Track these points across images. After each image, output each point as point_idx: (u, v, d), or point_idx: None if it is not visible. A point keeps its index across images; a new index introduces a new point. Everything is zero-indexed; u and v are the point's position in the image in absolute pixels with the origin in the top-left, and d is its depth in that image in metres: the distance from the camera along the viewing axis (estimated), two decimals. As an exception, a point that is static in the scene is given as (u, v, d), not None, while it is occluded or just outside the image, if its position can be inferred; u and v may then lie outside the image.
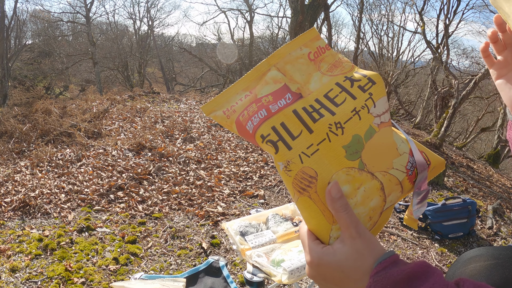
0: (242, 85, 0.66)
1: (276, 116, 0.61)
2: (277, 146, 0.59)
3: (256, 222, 1.82)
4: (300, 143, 0.59)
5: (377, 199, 0.62)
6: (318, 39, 0.69)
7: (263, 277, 1.48)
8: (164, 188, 3.68)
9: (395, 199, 0.66)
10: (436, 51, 7.62)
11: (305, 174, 0.59)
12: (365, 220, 0.62)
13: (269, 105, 0.62)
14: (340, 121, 0.61)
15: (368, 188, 0.61)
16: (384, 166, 0.63)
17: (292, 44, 0.68)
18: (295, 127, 0.60)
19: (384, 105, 0.64)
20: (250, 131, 0.61)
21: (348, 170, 0.60)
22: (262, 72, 0.67)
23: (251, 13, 17.29)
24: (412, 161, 0.66)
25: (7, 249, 2.52)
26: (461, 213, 2.96)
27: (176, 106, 8.27)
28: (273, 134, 0.60)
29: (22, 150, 4.95)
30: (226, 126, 0.65)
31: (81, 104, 7.48)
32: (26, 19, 16.99)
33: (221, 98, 0.65)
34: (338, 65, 0.68)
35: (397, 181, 0.64)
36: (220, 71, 16.56)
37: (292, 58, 0.67)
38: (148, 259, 2.56)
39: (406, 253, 2.74)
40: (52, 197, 3.36)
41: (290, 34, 6.99)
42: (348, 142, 0.60)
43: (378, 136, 0.63)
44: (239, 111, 0.63)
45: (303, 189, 0.59)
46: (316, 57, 0.68)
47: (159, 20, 28.41)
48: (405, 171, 0.65)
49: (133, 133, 5.43)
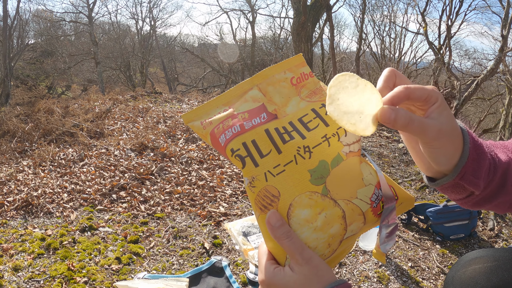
0: (223, 100, 0.68)
1: (248, 133, 0.63)
2: (244, 162, 0.61)
3: (259, 223, 1.82)
4: (267, 161, 0.61)
5: (338, 227, 0.63)
6: (303, 66, 0.71)
7: (266, 277, 1.48)
8: (166, 188, 3.68)
9: (357, 229, 0.66)
10: (438, 52, 7.62)
11: (268, 193, 0.60)
12: (324, 247, 0.63)
13: (243, 122, 0.64)
14: (309, 145, 0.62)
15: (329, 214, 0.61)
16: (348, 195, 0.63)
17: (277, 67, 0.70)
18: (265, 145, 0.61)
19: (356, 135, 0.65)
20: (222, 143, 0.63)
21: (311, 194, 0.61)
22: (244, 90, 0.68)
23: (253, 14, 17.31)
24: (378, 194, 0.66)
25: (9, 248, 2.53)
26: (463, 215, 2.96)
27: (178, 106, 8.28)
28: (243, 150, 0.61)
29: (24, 150, 4.97)
30: (202, 136, 0.67)
31: (83, 104, 7.50)
32: (29, 19, 17.04)
33: (201, 110, 0.68)
34: (317, 92, 0.69)
35: (360, 212, 0.64)
36: (222, 72, 16.57)
37: (275, 80, 0.69)
38: (150, 259, 2.57)
39: (408, 254, 2.74)
40: (55, 197, 3.37)
41: (292, 35, 7.00)
42: (314, 167, 0.61)
43: (345, 165, 0.63)
44: (215, 124, 0.65)
45: (265, 206, 0.60)
46: (298, 82, 0.70)
47: (162, 20, 28.48)
48: (369, 203, 0.65)
49: (136, 133, 5.44)
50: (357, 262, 2.60)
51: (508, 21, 4.48)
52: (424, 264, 2.64)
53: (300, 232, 0.61)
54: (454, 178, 0.64)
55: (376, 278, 2.42)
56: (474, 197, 0.70)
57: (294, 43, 6.93)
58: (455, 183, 0.66)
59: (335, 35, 12.25)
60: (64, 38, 19.03)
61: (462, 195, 0.70)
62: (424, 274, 2.54)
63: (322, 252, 0.63)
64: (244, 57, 16.32)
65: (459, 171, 0.63)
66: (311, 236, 0.61)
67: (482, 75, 4.60)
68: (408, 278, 2.46)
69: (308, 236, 0.61)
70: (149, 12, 20.02)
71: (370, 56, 14.04)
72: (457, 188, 0.67)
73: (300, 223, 0.60)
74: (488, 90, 11.76)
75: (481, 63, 11.52)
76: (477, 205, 0.73)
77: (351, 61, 14.30)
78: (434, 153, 0.61)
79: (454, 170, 0.63)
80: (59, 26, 19.13)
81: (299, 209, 0.60)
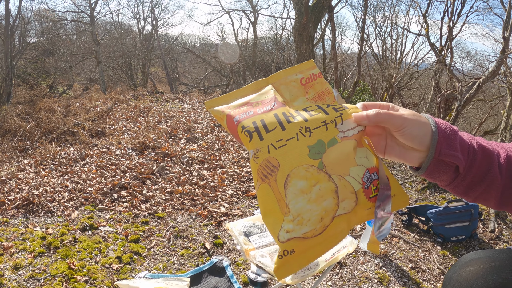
0: (241, 93, 0.78)
1: (259, 115, 0.71)
2: (251, 136, 0.68)
3: (260, 223, 1.82)
4: (271, 136, 0.68)
5: (330, 201, 0.68)
6: (313, 68, 0.81)
7: (267, 277, 1.48)
8: (167, 188, 3.69)
9: (349, 207, 0.71)
10: (440, 54, 7.61)
11: (269, 163, 0.67)
12: (316, 220, 0.67)
13: (256, 108, 0.73)
14: (310, 127, 0.70)
15: (323, 187, 0.68)
16: (341, 171, 0.70)
17: (290, 70, 0.80)
18: (271, 124, 0.69)
19: (351, 124, 0.74)
20: (235, 122, 0.71)
21: (308, 167, 0.67)
22: (259, 86, 0.79)
23: (255, 14, 17.30)
24: (369, 176, 0.73)
25: (10, 246, 2.54)
26: (464, 216, 2.96)
27: (180, 106, 8.28)
28: (251, 126, 0.69)
29: (25, 148, 4.97)
30: (219, 119, 0.75)
31: (84, 103, 7.50)
32: (31, 18, 17.01)
33: (221, 99, 0.77)
34: (322, 96, 0.79)
35: (352, 190, 0.71)
36: (223, 72, 16.57)
37: (287, 81, 0.79)
38: (151, 258, 2.57)
39: (408, 255, 2.74)
40: (56, 196, 3.37)
41: (294, 36, 7.00)
42: (313, 144, 0.69)
43: (339, 146, 0.71)
44: (232, 109, 0.74)
45: (265, 176, 0.67)
46: (307, 82, 0.80)
47: (163, 20, 28.46)
48: (360, 182, 0.72)
49: (137, 133, 5.44)
50: (358, 263, 2.59)
51: (509, 23, 4.48)
52: (424, 265, 2.64)
53: (295, 202, 0.66)
54: (434, 155, 0.73)
55: (377, 279, 2.42)
56: (462, 178, 0.75)
57: (295, 43, 6.93)
58: (437, 161, 0.74)
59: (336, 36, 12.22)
60: (65, 37, 19.03)
61: (450, 176, 0.76)
62: (425, 275, 2.53)
63: (314, 226, 0.67)
64: (246, 57, 16.29)
65: (435, 146, 0.72)
66: (305, 207, 0.66)
67: (483, 77, 4.59)
68: (408, 279, 2.46)
69: (303, 206, 0.66)
70: (151, 11, 20.00)
71: (371, 57, 14.03)
72: (441, 167, 0.74)
73: (295, 193, 0.66)
74: (489, 92, 11.73)
75: (482, 64, 11.49)
76: (470, 189, 0.77)
77: (353, 62, 14.29)
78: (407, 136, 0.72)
79: (431, 148, 0.73)
80: (61, 25, 19.12)
81: (295, 180, 0.66)
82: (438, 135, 0.73)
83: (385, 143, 0.80)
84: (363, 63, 12.22)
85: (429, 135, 0.73)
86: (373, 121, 0.72)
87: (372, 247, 0.78)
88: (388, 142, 0.80)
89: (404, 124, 0.72)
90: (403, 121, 0.72)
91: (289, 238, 0.66)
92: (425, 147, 0.73)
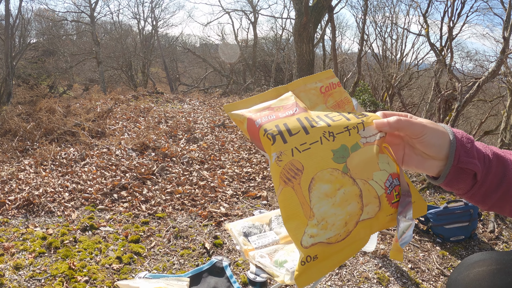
0: (261, 99, 0.78)
1: (281, 119, 0.71)
2: (275, 138, 0.67)
3: (260, 223, 1.83)
4: (295, 139, 0.67)
5: (355, 205, 0.67)
6: (332, 78, 0.81)
7: (266, 277, 1.49)
8: (167, 188, 3.69)
9: (372, 212, 0.70)
10: (440, 54, 7.62)
11: (293, 166, 0.66)
12: (341, 225, 0.66)
13: (278, 113, 0.73)
14: (333, 132, 0.70)
15: (347, 191, 0.67)
16: (365, 175, 0.70)
17: (310, 78, 0.80)
18: (295, 128, 0.69)
19: (372, 131, 0.74)
20: (257, 125, 0.70)
21: (333, 170, 0.67)
22: (279, 93, 0.79)
23: (255, 14, 17.32)
24: (392, 182, 0.73)
25: (11, 246, 2.54)
26: (463, 217, 2.96)
27: (180, 106, 8.29)
28: (274, 130, 0.68)
29: (26, 149, 4.98)
30: (238, 122, 0.75)
31: (85, 103, 7.51)
32: (31, 18, 17.05)
33: (240, 103, 0.77)
34: (341, 105, 0.79)
35: (376, 194, 0.70)
36: (223, 72, 16.58)
37: (307, 89, 0.79)
38: (151, 258, 2.57)
39: (408, 256, 2.74)
40: (56, 196, 3.38)
41: (294, 36, 7.00)
42: (337, 148, 0.69)
43: (362, 151, 0.71)
44: (253, 112, 0.74)
45: (288, 179, 0.66)
46: (326, 91, 0.80)
47: (163, 20, 28.48)
48: (383, 187, 0.71)
49: (137, 133, 5.45)
50: (357, 263, 2.60)
51: (510, 23, 4.48)
52: (424, 266, 2.65)
53: (320, 205, 0.65)
54: (453, 162, 0.74)
55: (376, 280, 2.42)
56: (480, 185, 0.76)
57: (296, 44, 6.94)
58: (456, 169, 0.75)
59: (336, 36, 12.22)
60: (66, 37, 19.04)
61: (468, 184, 0.77)
62: (424, 276, 2.54)
63: (338, 231, 0.66)
64: (246, 57, 16.30)
65: (453, 154, 0.73)
66: (330, 211, 0.65)
67: (483, 77, 4.60)
68: (408, 280, 2.47)
69: (327, 210, 0.65)
70: (151, 12, 20.02)
71: (371, 57, 14.04)
72: (460, 175, 0.75)
73: (320, 196, 0.65)
74: (489, 92, 11.74)
75: (482, 65, 11.50)
76: (487, 197, 0.78)
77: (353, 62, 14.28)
78: (426, 144, 0.74)
79: (449, 156, 0.74)
80: (61, 25, 19.14)
81: (320, 183, 0.65)
82: (456, 143, 0.74)
83: (403, 153, 0.81)
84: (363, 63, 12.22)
85: (447, 143, 0.74)
86: (394, 128, 0.73)
87: (396, 255, 0.77)
88: (406, 151, 0.81)
89: (423, 132, 0.73)
90: (422, 128, 0.73)
91: (312, 243, 0.65)
92: (443, 155, 0.75)
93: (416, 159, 0.79)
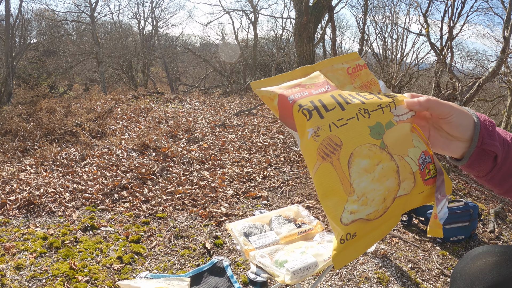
0: (288, 77, 0.77)
1: (315, 95, 0.71)
2: (311, 114, 0.67)
3: (260, 223, 1.84)
4: (332, 115, 0.67)
5: (393, 181, 0.68)
6: (358, 59, 0.82)
7: (267, 277, 1.49)
8: (168, 188, 3.70)
9: (408, 188, 0.71)
10: (440, 53, 7.61)
11: (331, 141, 0.65)
12: (380, 200, 0.67)
13: (311, 90, 0.73)
14: (368, 109, 0.70)
15: (385, 167, 0.67)
16: (401, 151, 0.70)
17: (336, 59, 0.80)
18: (330, 104, 0.69)
19: (403, 110, 0.74)
20: (290, 101, 0.70)
21: (371, 146, 0.67)
22: (306, 72, 0.79)
23: (255, 14, 17.30)
24: (424, 158, 0.73)
25: (12, 247, 2.55)
26: (463, 217, 2.96)
27: (180, 106, 8.30)
28: (310, 105, 0.68)
29: (26, 149, 4.98)
30: (267, 99, 0.74)
31: (85, 103, 7.51)
32: (31, 18, 17.02)
33: (267, 81, 0.76)
34: (368, 86, 0.79)
35: (411, 170, 0.71)
36: (224, 72, 16.57)
37: (334, 69, 0.79)
38: (152, 258, 2.58)
39: (408, 256, 2.75)
40: (57, 196, 3.38)
41: (294, 35, 7.00)
42: (373, 125, 0.69)
43: (397, 128, 0.71)
44: (284, 89, 0.73)
45: (327, 154, 0.65)
46: (353, 72, 0.80)
47: (164, 20, 28.36)
48: (417, 164, 0.72)
49: (137, 133, 5.45)
50: (357, 263, 2.60)
51: (510, 22, 4.48)
52: (424, 266, 2.65)
53: (360, 181, 0.65)
54: (477, 144, 0.76)
55: (376, 279, 2.43)
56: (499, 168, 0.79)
57: (296, 43, 6.94)
58: (479, 151, 0.77)
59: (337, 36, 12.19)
60: (66, 37, 19.02)
61: (489, 166, 0.79)
62: (424, 276, 2.54)
63: (377, 207, 0.67)
64: (246, 57, 16.29)
65: (477, 136, 0.76)
66: (369, 186, 0.65)
67: (483, 77, 4.60)
68: (408, 279, 2.47)
69: (367, 185, 0.65)
70: (151, 12, 20.00)
71: (372, 57, 14.02)
72: (482, 157, 0.78)
73: (359, 172, 0.65)
74: (489, 91, 11.75)
75: (482, 64, 11.49)
76: (504, 180, 0.81)
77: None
78: (453, 124, 0.76)
79: (474, 137, 0.76)
80: (61, 25, 19.11)
81: (359, 159, 0.65)
82: (480, 125, 0.76)
83: (428, 135, 0.83)
84: (363, 63, 12.19)
85: (472, 125, 0.76)
86: (424, 107, 0.74)
87: (435, 231, 0.78)
88: (432, 133, 0.82)
89: (451, 112, 0.75)
90: (450, 109, 0.75)
91: (353, 220, 0.65)
92: (468, 136, 0.77)
93: (441, 140, 0.81)
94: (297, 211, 1.98)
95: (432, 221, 0.77)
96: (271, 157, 4.80)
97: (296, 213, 1.97)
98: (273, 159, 4.71)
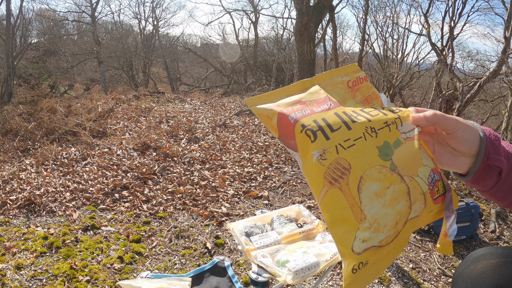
0: (286, 92, 0.73)
1: (318, 114, 0.66)
2: (316, 135, 0.62)
3: (261, 223, 1.83)
4: (338, 135, 0.63)
5: (404, 204, 0.64)
6: (358, 72, 0.77)
7: (268, 277, 1.49)
8: (168, 188, 3.69)
9: (419, 210, 0.67)
10: (441, 54, 7.60)
11: (339, 165, 0.61)
12: (391, 226, 0.63)
13: (312, 107, 0.68)
14: (375, 127, 0.66)
15: (396, 189, 0.63)
16: (411, 171, 0.66)
17: (335, 72, 0.76)
18: (335, 123, 0.64)
19: (410, 126, 0.71)
20: (291, 121, 0.65)
21: (381, 168, 0.63)
22: (305, 87, 0.74)
23: (256, 14, 17.29)
24: (433, 177, 0.70)
25: (12, 246, 2.54)
26: (464, 217, 2.96)
27: (181, 106, 8.29)
28: (314, 125, 0.63)
29: (27, 148, 4.98)
30: (264, 118, 0.69)
31: (86, 103, 7.51)
32: (32, 18, 17.06)
33: (264, 97, 0.71)
34: (370, 100, 0.75)
35: (421, 191, 0.67)
36: (224, 72, 16.57)
37: (333, 82, 0.75)
38: (152, 258, 2.57)
39: (409, 256, 2.74)
40: (57, 196, 3.38)
41: (295, 35, 7.00)
42: (381, 145, 0.65)
43: (405, 147, 0.67)
44: (283, 106, 0.68)
45: (335, 179, 0.60)
46: (354, 85, 0.76)
47: (164, 20, 28.37)
48: (427, 183, 0.68)
49: (138, 133, 5.45)
50: (359, 263, 2.60)
51: (511, 23, 4.47)
52: (425, 266, 2.65)
53: (371, 206, 0.61)
54: (483, 159, 0.74)
55: (378, 279, 2.42)
56: (503, 182, 0.77)
57: (296, 43, 6.93)
58: (485, 166, 0.75)
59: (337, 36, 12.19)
60: (67, 37, 19.04)
61: (493, 181, 0.77)
62: (425, 276, 2.54)
63: (389, 233, 0.63)
64: (247, 57, 16.30)
65: (483, 151, 0.74)
66: (381, 212, 0.62)
67: (484, 77, 4.59)
68: (409, 280, 2.47)
69: (378, 211, 0.61)
70: (152, 11, 20.00)
71: (372, 57, 14.02)
72: (487, 172, 0.76)
73: (370, 197, 0.61)
74: (490, 92, 11.72)
75: (483, 64, 11.47)
76: (507, 194, 0.79)
77: (354, 62, 14.28)
78: (459, 139, 0.74)
79: (480, 152, 0.74)
80: (62, 25, 19.14)
81: (369, 183, 0.61)
82: (486, 140, 0.75)
83: (433, 150, 0.80)
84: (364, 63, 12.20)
85: (478, 140, 0.74)
86: (431, 122, 0.72)
87: (446, 249, 0.74)
88: (436, 149, 0.80)
89: (458, 126, 0.73)
90: (456, 123, 0.73)
91: (365, 248, 0.61)
92: (474, 151, 0.75)
93: (446, 156, 0.79)
94: (298, 211, 1.98)
95: (442, 238, 0.74)
96: (272, 156, 4.79)
97: (297, 213, 1.97)
98: (274, 159, 4.70)
